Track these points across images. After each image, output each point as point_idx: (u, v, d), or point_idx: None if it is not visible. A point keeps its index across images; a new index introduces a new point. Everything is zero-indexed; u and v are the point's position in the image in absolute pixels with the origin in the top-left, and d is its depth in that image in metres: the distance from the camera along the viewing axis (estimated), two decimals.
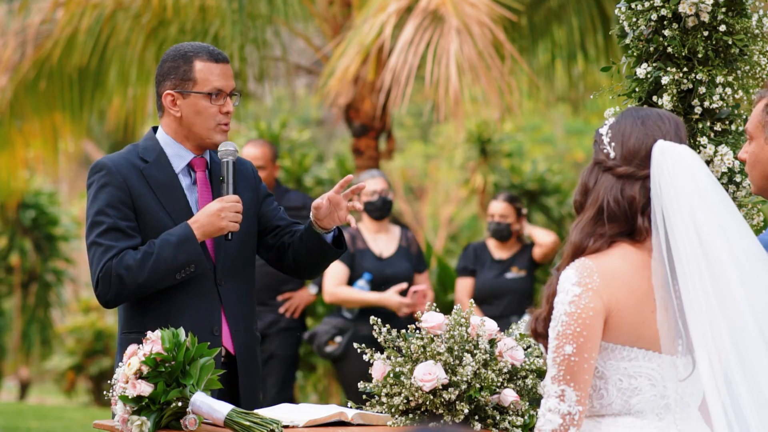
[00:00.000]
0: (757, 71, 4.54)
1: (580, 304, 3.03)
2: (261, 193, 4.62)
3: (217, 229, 4.36)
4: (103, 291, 4.34)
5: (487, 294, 8.83)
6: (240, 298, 4.48)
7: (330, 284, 8.35)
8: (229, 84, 4.48)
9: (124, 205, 4.38)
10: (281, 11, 10.63)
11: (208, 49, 4.49)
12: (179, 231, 4.35)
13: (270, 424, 3.79)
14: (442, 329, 3.90)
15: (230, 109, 4.48)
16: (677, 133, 3.15)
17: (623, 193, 3.11)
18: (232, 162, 4.44)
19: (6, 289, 17.84)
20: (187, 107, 4.45)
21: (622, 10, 4.55)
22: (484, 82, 9.22)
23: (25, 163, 12.46)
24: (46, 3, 10.93)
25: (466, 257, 9.00)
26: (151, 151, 4.48)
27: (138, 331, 4.38)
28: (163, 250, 4.32)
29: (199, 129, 4.46)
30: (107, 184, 4.39)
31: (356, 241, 8.44)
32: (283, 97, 17.52)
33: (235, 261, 4.48)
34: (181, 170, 4.49)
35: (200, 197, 4.49)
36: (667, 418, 3.11)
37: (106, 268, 4.32)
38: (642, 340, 3.08)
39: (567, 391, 3.03)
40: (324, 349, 8.45)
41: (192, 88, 4.44)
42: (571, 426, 3.02)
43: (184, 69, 4.45)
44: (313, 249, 4.50)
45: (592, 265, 3.07)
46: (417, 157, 21.03)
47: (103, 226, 4.36)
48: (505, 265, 8.95)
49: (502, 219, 8.95)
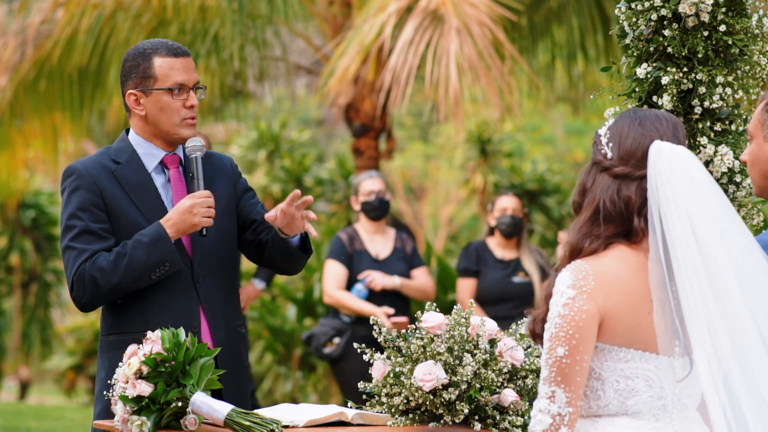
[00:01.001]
0: (757, 71, 4.54)
1: (574, 306, 3.03)
2: (240, 188, 4.58)
3: (190, 225, 4.34)
4: (79, 294, 4.33)
5: (493, 296, 8.74)
6: (220, 295, 4.45)
7: (329, 286, 8.38)
8: (191, 77, 4.44)
9: (96, 207, 4.36)
10: (281, 11, 10.64)
11: (167, 44, 4.45)
12: (152, 230, 4.33)
13: (270, 424, 3.80)
14: (442, 329, 3.90)
15: (194, 102, 4.44)
16: (675, 134, 3.15)
17: (619, 194, 3.11)
18: (201, 157, 4.41)
19: (6, 289, 17.85)
20: (151, 105, 4.43)
21: (622, 10, 4.55)
22: (484, 82, 9.23)
23: (25, 163, 12.47)
24: (46, 3, 10.94)
25: (467, 257, 8.86)
26: (123, 152, 4.46)
27: (117, 333, 4.39)
28: (136, 251, 4.30)
29: (165, 125, 4.43)
30: (78, 187, 4.38)
31: (354, 242, 8.45)
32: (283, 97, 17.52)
33: (213, 257, 4.45)
34: (154, 169, 4.46)
35: (175, 194, 4.46)
36: (664, 419, 3.11)
37: (80, 272, 4.30)
38: (639, 341, 3.08)
39: (557, 392, 3.03)
40: (322, 350, 8.45)
41: (153, 85, 4.41)
42: (561, 426, 3.02)
43: (144, 67, 4.42)
44: (282, 252, 4.48)
45: (588, 267, 3.07)
46: (417, 157, 21.04)
47: (76, 229, 4.34)
48: (510, 266, 8.86)
49: (515, 213, 8.78)
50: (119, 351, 4.23)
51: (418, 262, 8.57)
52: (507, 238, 8.80)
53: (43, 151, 11.75)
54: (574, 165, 20.18)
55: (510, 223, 8.76)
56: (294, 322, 11.96)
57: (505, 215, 8.78)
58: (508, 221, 8.77)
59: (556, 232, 13.61)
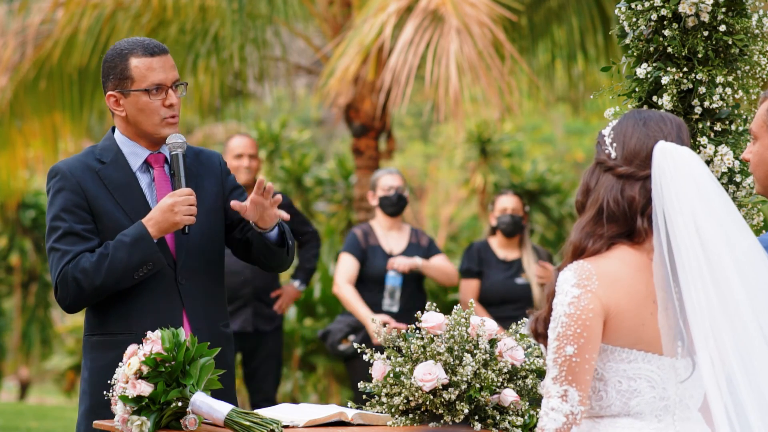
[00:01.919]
0: (757, 71, 4.54)
1: (580, 305, 3.03)
2: (228, 186, 4.55)
3: (172, 224, 4.31)
4: (62, 296, 4.31)
5: (496, 297, 8.74)
6: (203, 295, 4.43)
7: (339, 278, 8.44)
8: (169, 76, 4.39)
9: (79, 208, 4.34)
10: (281, 11, 10.63)
11: (143, 43, 4.40)
12: (133, 230, 4.31)
13: (270, 424, 3.79)
14: (442, 329, 3.90)
15: (173, 101, 4.39)
16: (679, 135, 3.15)
17: (623, 194, 3.11)
18: (181, 154, 4.38)
19: (6, 289, 17.85)
20: (130, 106, 4.39)
21: (622, 10, 4.55)
22: (484, 82, 9.22)
23: (25, 163, 12.47)
24: (46, 3, 10.93)
25: (470, 258, 8.85)
26: (108, 151, 4.44)
27: (101, 333, 4.37)
28: (118, 251, 4.28)
29: (146, 126, 4.40)
30: (62, 188, 4.36)
31: (368, 237, 8.50)
32: (283, 97, 17.51)
33: (198, 258, 4.43)
34: (138, 168, 4.43)
35: (159, 194, 4.43)
36: (666, 420, 3.11)
37: (63, 273, 4.29)
38: (641, 342, 3.08)
39: (570, 391, 3.03)
40: (337, 347, 8.47)
41: (131, 86, 4.38)
42: (573, 425, 3.03)
43: (121, 68, 4.38)
44: (261, 248, 4.45)
45: (591, 267, 3.07)
46: (417, 157, 21.05)
47: (60, 231, 4.32)
48: (513, 267, 8.85)
49: (515, 212, 8.80)
50: (102, 352, 4.24)
51: (435, 251, 8.61)
52: (508, 237, 8.81)
53: (43, 151, 11.75)
54: (574, 165, 20.19)
55: (510, 223, 8.77)
56: (294, 322, 11.96)
57: (505, 215, 8.79)
58: (508, 220, 8.77)
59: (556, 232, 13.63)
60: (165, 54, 4.41)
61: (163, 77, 4.38)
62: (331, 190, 13.74)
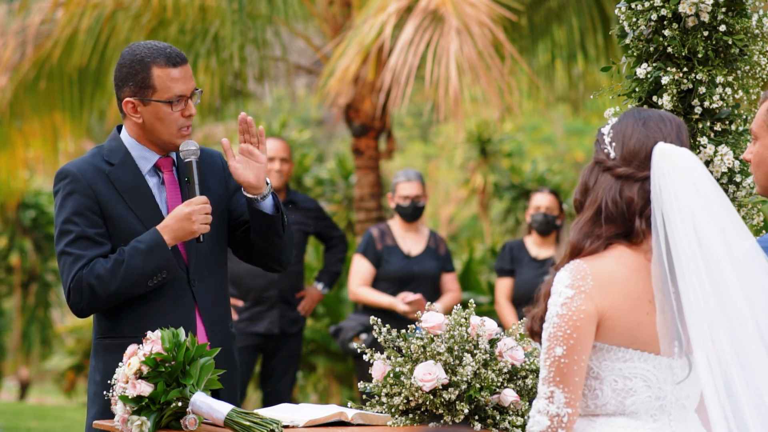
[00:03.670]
0: (757, 71, 4.54)
1: (572, 306, 3.03)
2: (231, 186, 4.54)
3: (189, 233, 4.30)
4: (76, 301, 4.30)
5: (525, 295, 8.72)
6: (214, 297, 4.44)
7: (354, 283, 8.49)
8: (189, 87, 4.38)
9: (91, 212, 4.32)
10: (281, 11, 10.63)
11: (165, 52, 4.36)
12: (148, 238, 4.29)
13: (270, 424, 3.79)
14: (442, 329, 3.90)
15: (192, 111, 4.39)
16: (678, 136, 3.15)
17: (622, 194, 3.11)
18: (196, 161, 4.37)
19: (6, 289, 17.85)
20: (148, 114, 4.37)
21: (622, 10, 4.55)
22: (484, 82, 9.22)
23: (25, 163, 12.47)
24: (46, 3, 10.93)
25: (502, 257, 8.91)
26: (116, 152, 4.41)
27: (112, 336, 4.36)
28: (133, 258, 4.26)
29: (162, 134, 4.38)
30: (73, 191, 4.34)
31: (385, 237, 8.52)
32: (283, 97, 17.51)
33: (208, 260, 4.43)
34: (147, 171, 4.42)
35: (169, 197, 4.43)
36: (662, 419, 3.11)
37: (77, 279, 4.27)
38: (637, 341, 3.08)
39: (556, 392, 3.03)
40: (348, 344, 8.48)
41: (152, 96, 4.35)
42: (559, 428, 3.01)
43: (142, 76, 4.34)
44: (260, 225, 4.41)
45: (586, 267, 3.07)
46: (417, 157, 21.04)
47: (72, 234, 4.30)
48: (544, 265, 8.84)
49: (548, 211, 8.82)
50: (115, 354, 4.21)
51: (450, 267, 8.63)
52: (542, 235, 8.85)
53: (43, 151, 11.75)
54: (574, 165, 20.19)
55: (542, 221, 8.82)
56: None
57: (538, 213, 8.86)
58: (540, 219, 8.83)
59: None
60: (185, 64, 4.39)
61: (184, 89, 4.37)
62: (331, 190, 13.74)
